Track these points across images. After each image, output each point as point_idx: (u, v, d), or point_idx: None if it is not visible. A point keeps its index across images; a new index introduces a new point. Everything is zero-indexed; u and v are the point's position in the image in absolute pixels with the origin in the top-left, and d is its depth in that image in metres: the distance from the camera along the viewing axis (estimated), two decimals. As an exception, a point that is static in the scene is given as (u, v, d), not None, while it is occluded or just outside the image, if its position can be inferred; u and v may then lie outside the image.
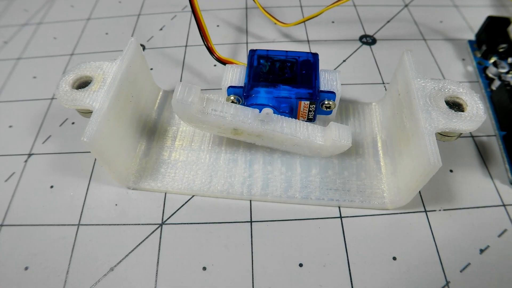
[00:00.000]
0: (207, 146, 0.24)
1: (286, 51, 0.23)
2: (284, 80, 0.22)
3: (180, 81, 0.28)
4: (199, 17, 0.25)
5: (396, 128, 0.22)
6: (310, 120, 0.23)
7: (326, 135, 0.20)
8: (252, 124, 0.20)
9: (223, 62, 0.25)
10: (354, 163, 0.23)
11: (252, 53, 0.23)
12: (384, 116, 0.24)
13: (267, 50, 0.23)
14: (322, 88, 0.21)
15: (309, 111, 0.22)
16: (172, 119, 0.25)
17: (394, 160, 0.22)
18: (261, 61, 0.22)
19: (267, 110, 0.20)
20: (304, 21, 0.30)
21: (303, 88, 0.21)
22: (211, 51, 0.25)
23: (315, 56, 0.23)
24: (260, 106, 0.21)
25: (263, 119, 0.20)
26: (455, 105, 0.20)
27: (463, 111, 0.19)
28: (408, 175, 0.20)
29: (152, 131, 0.24)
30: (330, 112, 0.22)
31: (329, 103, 0.22)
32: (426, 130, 0.18)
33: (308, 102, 0.21)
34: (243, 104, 0.22)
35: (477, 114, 0.19)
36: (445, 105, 0.19)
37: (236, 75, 0.22)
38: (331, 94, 0.21)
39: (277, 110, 0.21)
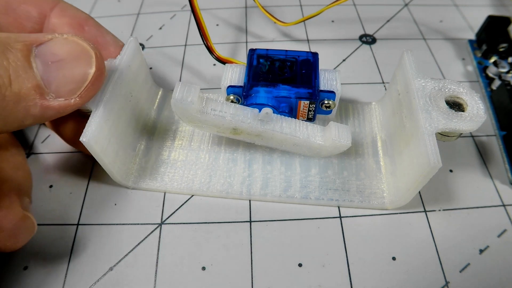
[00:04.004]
0: (207, 145, 0.24)
1: (286, 50, 0.23)
2: (284, 79, 0.22)
3: (180, 80, 0.28)
4: (199, 16, 0.25)
5: (396, 128, 0.22)
6: (310, 119, 0.22)
7: (326, 135, 0.20)
8: (252, 123, 0.20)
9: (223, 61, 0.25)
10: (354, 162, 0.23)
11: (252, 52, 0.23)
12: (384, 116, 0.24)
13: (267, 50, 0.23)
14: (322, 87, 0.21)
15: (309, 110, 0.22)
16: (172, 118, 0.25)
17: (393, 160, 0.22)
18: (261, 60, 0.22)
19: (267, 110, 0.20)
20: (303, 20, 0.30)
21: (302, 88, 0.21)
22: (210, 50, 0.25)
23: (315, 55, 0.23)
24: (260, 106, 0.21)
25: (262, 119, 0.20)
26: (456, 105, 0.20)
27: (463, 111, 0.19)
28: (408, 175, 0.20)
29: (152, 131, 0.24)
30: (330, 112, 0.22)
31: (329, 103, 0.22)
32: (426, 130, 0.18)
33: (308, 101, 0.21)
34: (242, 104, 0.22)
35: (477, 114, 0.19)
36: (445, 105, 0.19)
37: (235, 74, 0.22)
38: (331, 94, 0.21)
39: (277, 110, 0.21)
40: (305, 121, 0.22)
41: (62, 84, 0.16)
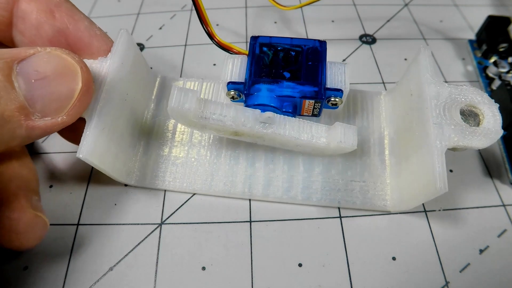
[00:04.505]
0: (208, 141, 0.23)
1: (291, 38, 0.21)
2: (288, 72, 0.20)
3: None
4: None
5: (405, 129, 0.21)
6: (315, 115, 0.21)
7: (331, 136, 0.19)
8: (253, 127, 0.19)
9: (223, 47, 0.23)
10: (359, 161, 0.22)
11: (254, 41, 0.20)
12: (393, 110, 0.23)
13: (270, 37, 0.21)
14: (328, 84, 0.20)
15: (314, 108, 0.21)
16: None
17: (399, 161, 0.21)
18: (264, 48, 0.21)
19: (269, 114, 0.19)
20: (305, 5, 0.28)
21: (308, 86, 0.20)
22: (210, 35, 0.23)
23: (323, 44, 0.20)
24: (262, 107, 0.20)
25: (264, 121, 0.19)
26: (471, 116, 0.18)
27: (479, 123, 0.18)
28: (412, 186, 0.19)
29: (151, 126, 0.24)
30: (336, 107, 0.21)
31: (335, 100, 0.20)
32: (435, 149, 0.17)
33: (313, 101, 0.20)
34: (243, 100, 0.21)
35: (493, 130, 0.17)
36: (460, 117, 0.18)
37: (236, 68, 0.20)
38: (338, 92, 0.20)
39: (280, 110, 0.20)
40: (310, 116, 0.21)
41: (47, 102, 0.15)
